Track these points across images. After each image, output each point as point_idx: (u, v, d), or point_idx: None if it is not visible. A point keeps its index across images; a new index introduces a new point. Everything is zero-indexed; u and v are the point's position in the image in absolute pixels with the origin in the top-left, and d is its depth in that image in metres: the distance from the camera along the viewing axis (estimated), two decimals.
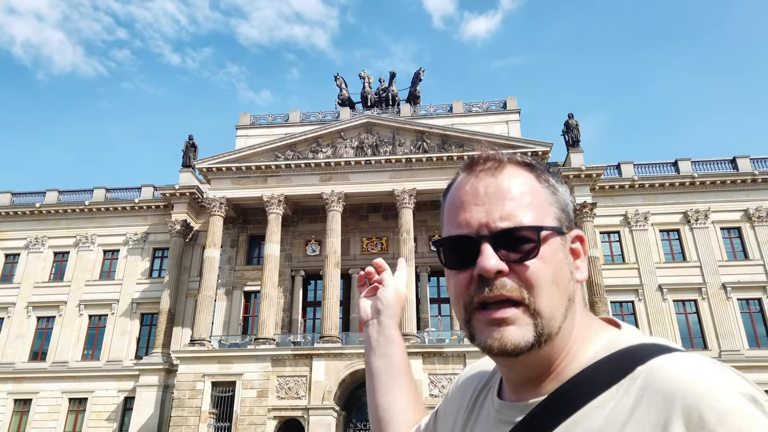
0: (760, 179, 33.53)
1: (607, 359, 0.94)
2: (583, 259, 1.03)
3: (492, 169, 1.01)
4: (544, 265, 0.95)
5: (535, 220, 0.97)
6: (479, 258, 0.95)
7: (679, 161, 34.69)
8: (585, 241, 1.04)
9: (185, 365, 28.91)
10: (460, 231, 0.99)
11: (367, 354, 1.39)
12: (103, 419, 32.45)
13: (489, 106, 35.24)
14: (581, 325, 1.01)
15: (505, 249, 0.95)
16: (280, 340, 30.15)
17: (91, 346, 34.75)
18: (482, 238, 0.96)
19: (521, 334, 0.93)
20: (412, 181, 31.38)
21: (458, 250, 0.99)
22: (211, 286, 30.92)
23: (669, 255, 33.31)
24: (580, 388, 0.93)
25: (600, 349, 0.98)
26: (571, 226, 1.03)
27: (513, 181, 1.00)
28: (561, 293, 0.96)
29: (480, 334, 0.96)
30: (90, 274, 36.31)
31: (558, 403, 0.94)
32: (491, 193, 0.98)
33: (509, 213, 0.96)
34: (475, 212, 0.98)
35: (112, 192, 38.43)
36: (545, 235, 0.96)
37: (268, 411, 27.69)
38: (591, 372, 0.94)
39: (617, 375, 0.90)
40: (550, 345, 0.96)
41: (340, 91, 38.49)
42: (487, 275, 0.94)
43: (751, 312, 31.54)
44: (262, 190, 32.23)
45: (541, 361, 0.98)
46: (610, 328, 1.04)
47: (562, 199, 1.03)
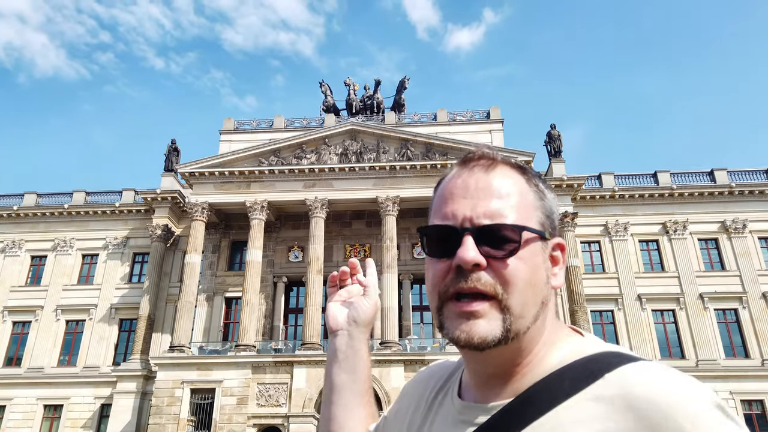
0: (737, 191, 34.19)
1: (574, 365, 0.96)
2: (561, 266, 1.05)
3: (485, 166, 1.04)
4: (522, 265, 0.96)
5: (518, 220, 0.98)
6: (459, 249, 0.96)
7: (658, 173, 35.25)
8: (565, 250, 1.05)
9: (164, 372, 28.54)
10: (445, 221, 1.01)
11: (329, 365, 1.30)
12: (78, 426, 31.86)
13: (473, 115, 35.52)
14: (550, 330, 1.03)
15: (486, 245, 0.96)
16: (261, 347, 29.92)
17: (67, 351, 34.15)
18: (465, 230, 0.97)
19: (489, 329, 0.95)
20: (396, 189, 31.46)
21: (441, 239, 1.00)
22: (191, 291, 30.61)
23: (648, 265, 33.77)
24: (546, 393, 0.94)
25: (566, 355, 0.99)
26: (554, 233, 1.04)
27: (503, 180, 1.02)
28: (534, 295, 0.98)
29: (449, 324, 0.98)
30: (68, 278, 35.74)
31: (523, 407, 0.95)
32: (480, 188, 1.00)
33: (495, 211, 0.98)
34: (462, 205, 1.00)
35: (92, 195, 37.92)
36: (527, 237, 0.98)
37: (247, 419, 27.43)
38: (557, 377, 0.95)
39: (584, 381, 0.91)
40: (517, 343, 0.97)
41: (325, 97, 38.52)
42: (465, 266, 0.95)
43: (727, 322, 32.07)
44: (245, 195, 32.06)
45: (507, 359, 0.99)
46: (575, 335, 1.06)
47: (548, 206, 1.05)
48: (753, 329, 31.38)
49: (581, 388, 0.91)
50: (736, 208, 34.14)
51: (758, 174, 35.11)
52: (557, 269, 1.04)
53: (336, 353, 1.30)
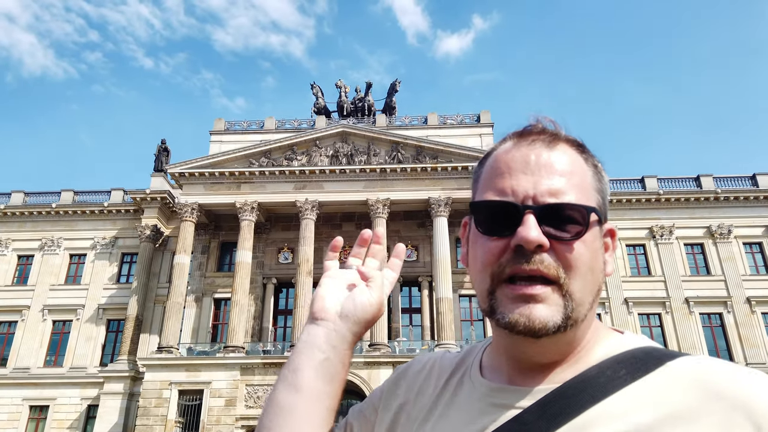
0: (722, 197, 34.65)
1: (627, 354, 0.92)
2: (611, 253, 1.00)
3: (546, 141, 0.96)
4: (585, 250, 0.91)
5: (581, 201, 0.92)
6: (521, 228, 0.89)
7: (645, 178, 35.63)
8: (615, 237, 1.00)
9: (152, 373, 28.41)
10: (502, 197, 0.93)
11: (297, 358, 0.99)
12: (65, 427, 31.59)
13: (463, 119, 35.73)
14: (595, 322, 0.99)
15: (549, 225, 0.89)
16: (250, 348, 29.88)
17: (54, 352, 33.87)
18: (527, 207, 0.90)
19: (550, 314, 0.88)
20: (386, 191, 31.57)
21: (497, 216, 0.92)
22: (180, 292, 30.51)
23: (635, 269, 34.12)
24: (603, 378, 0.89)
25: (613, 347, 0.96)
26: (606, 218, 0.98)
27: (565, 157, 0.95)
28: (594, 282, 0.93)
29: (504, 308, 0.90)
30: (55, 278, 35.45)
31: (579, 391, 0.89)
32: (543, 164, 0.93)
33: (558, 189, 0.91)
34: (523, 181, 0.92)
35: (80, 195, 37.65)
36: (592, 220, 0.92)
37: (236, 420, 27.37)
38: (612, 364, 0.91)
39: (642, 369, 0.88)
40: (573, 331, 0.92)
41: (316, 99, 38.58)
42: (528, 246, 0.88)
43: (712, 326, 32.48)
44: (235, 196, 32.02)
45: (560, 347, 0.94)
46: (616, 331, 1.02)
47: (605, 189, 0.99)
48: (737, 333, 31.79)
49: (640, 376, 0.87)
50: (721, 213, 34.59)
51: (743, 180, 35.60)
52: (608, 256, 0.99)
53: (312, 349, 0.99)
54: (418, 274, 32.81)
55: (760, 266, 33.78)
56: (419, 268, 32.98)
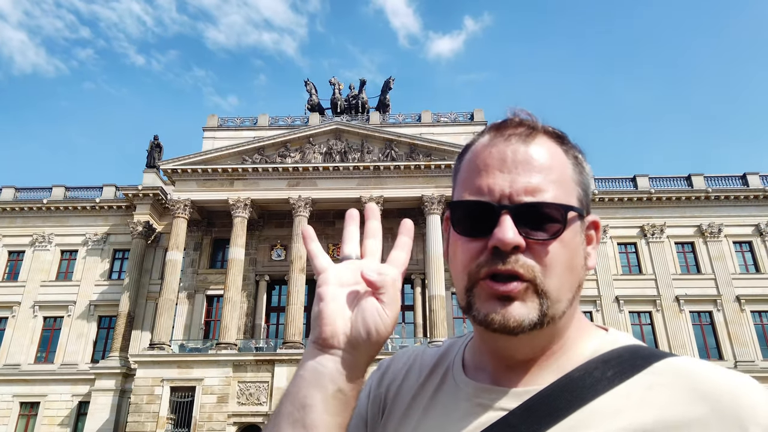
0: (713, 196, 34.93)
1: (613, 353, 0.91)
2: (594, 246, 0.97)
3: (524, 135, 0.93)
4: (563, 248, 0.88)
5: (560, 198, 0.89)
6: (497, 229, 0.86)
7: (637, 177, 35.85)
8: (599, 228, 0.98)
9: (143, 369, 28.34)
10: (479, 197, 0.90)
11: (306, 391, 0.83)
12: (55, 424, 31.47)
13: (456, 117, 35.79)
14: (578, 318, 0.97)
15: (526, 225, 0.87)
16: (243, 345, 29.86)
17: (45, 348, 33.70)
18: (503, 208, 0.87)
19: (526, 312, 0.86)
20: (380, 189, 31.60)
21: (473, 216, 0.90)
22: (172, 289, 30.42)
23: (626, 267, 34.35)
24: (591, 379, 0.87)
25: (599, 345, 0.94)
26: (588, 210, 0.96)
27: (543, 152, 0.91)
28: (572, 279, 0.90)
29: (481, 305, 0.88)
30: (46, 274, 35.25)
31: (566, 392, 0.87)
32: (519, 161, 0.90)
33: (535, 187, 0.88)
34: (499, 179, 0.89)
35: (71, 191, 37.43)
36: (569, 217, 0.89)
37: (227, 417, 27.36)
38: (599, 364, 0.89)
39: (629, 369, 0.87)
40: (552, 328, 0.90)
41: (309, 96, 38.50)
42: (504, 248, 0.86)
43: (702, 324, 32.77)
44: (228, 193, 31.95)
45: (539, 344, 0.92)
46: (598, 328, 1.00)
47: (586, 180, 0.96)
48: (727, 331, 32.09)
49: (629, 377, 0.86)
50: (712, 212, 34.87)
51: (734, 180, 35.89)
52: (591, 249, 0.96)
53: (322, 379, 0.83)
54: (411, 271, 32.88)
55: (749, 265, 34.10)
56: (412, 265, 33.03)
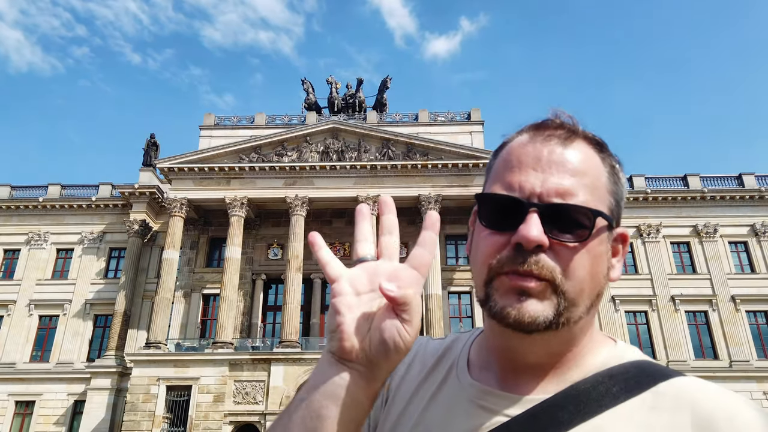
0: (709, 197, 35.04)
1: (620, 368, 0.90)
2: (620, 258, 0.96)
3: (563, 137, 0.92)
4: (587, 254, 0.87)
5: (591, 203, 0.88)
6: (522, 225, 0.86)
7: (633, 177, 35.95)
8: (627, 242, 0.97)
9: (139, 368, 28.28)
10: (509, 192, 0.89)
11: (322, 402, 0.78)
12: (51, 423, 31.39)
13: (454, 116, 35.80)
14: (593, 329, 0.95)
15: (553, 225, 0.86)
16: (239, 344, 29.82)
17: (40, 347, 33.60)
18: (531, 205, 0.86)
19: (541, 309, 0.85)
20: (377, 188, 31.59)
21: (501, 210, 0.89)
22: (168, 288, 30.36)
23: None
24: (596, 394, 0.86)
25: (607, 359, 0.93)
26: (619, 222, 0.94)
27: (579, 156, 0.91)
28: (592, 286, 0.89)
29: (499, 298, 0.87)
30: (42, 273, 35.14)
31: (570, 404, 0.86)
32: (554, 161, 0.89)
33: (567, 189, 0.87)
34: (532, 177, 0.89)
35: (67, 189, 37.32)
36: (598, 224, 0.88)
37: (224, 416, 27.33)
38: (606, 378, 0.88)
39: (635, 387, 0.86)
40: (567, 333, 0.89)
41: (306, 95, 38.47)
42: (527, 246, 0.85)
43: (697, 324, 32.87)
44: (224, 192, 31.90)
45: (552, 348, 0.91)
46: (609, 339, 0.99)
47: (620, 191, 0.95)
48: (722, 331, 32.20)
49: (634, 395, 0.85)
50: (707, 212, 34.98)
51: (729, 180, 36.03)
52: (616, 261, 0.96)
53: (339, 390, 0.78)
54: None
55: (745, 265, 34.23)
56: None
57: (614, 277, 0.95)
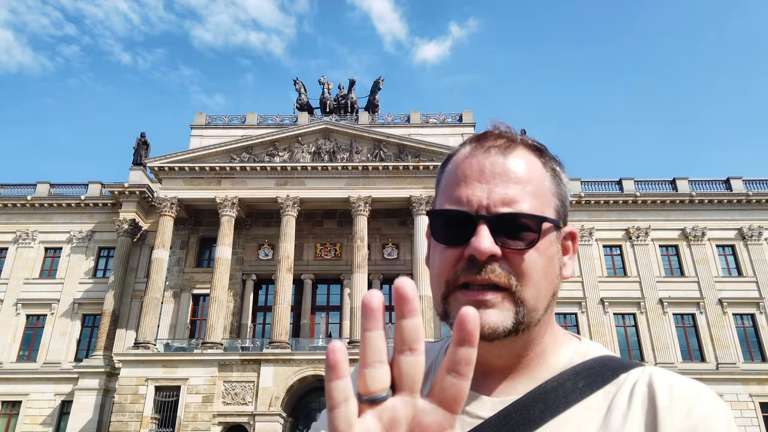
0: (697, 200, 35.35)
1: (585, 365, 0.94)
2: (571, 256, 1.00)
3: (503, 148, 0.95)
4: (538, 257, 0.91)
5: (536, 209, 0.92)
6: (474, 238, 0.88)
7: (623, 180, 36.20)
8: (576, 239, 1.01)
9: (128, 369, 28.10)
10: (458, 206, 0.92)
11: None
12: (38, 423, 31.09)
13: (445, 118, 35.88)
14: (553, 327, 1.00)
15: (502, 234, 0.90)
16: (228, 344, 29.71)
17: (27, 346, 33.27)
18: (480, 218, 0.89)
19: (501, 319, 0.88)
20: (368, 189, 31.60)
21: (452, 225, 0.92)
22: (158, 287, 30.19)
23: (611, 270, 34.66)
24: (563, 390, 0.90)
25: (572, 356, 0.97)
26: (565, 221, 0.99)
27: (521, 164, 0.94)
28: (548, 287, 0.93)
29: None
30: (29, 272, 34.81)
31: (536, 404, 0.90)
32: (497, 173, 0.93)
33: (512, 198, 0.91)
34: (477, 190, 0.92)
35: (56, 188, 37.00)
36: (545, 228, 0.92)
37: (213, 417, 27.21)
38: (572, 376, 0.93)
39: (599, 381, 0.91)
40: (527, 336, 0.93)
41: (298, 95, 38.39)
42: (480, 257, 0.88)
43: (685, 326, 33.16)
44: (215, 191, 31.77)
45: (515, 351, 0.95)
46: (573, 337, 1.03)
47: (564, 192, 0.99)
48: (709, 334, 32.50)
49: (598, 388, 0.90)
50: (695, 216, 35.29)
51: (717, 184, 36.38)
52: (567, 259, 1.00)
53: None
54: (399, 272, 32.90)
55: (732, 268, 34.55)
56: (400, 266, 33.10)
57: (567, 275, 0.98)
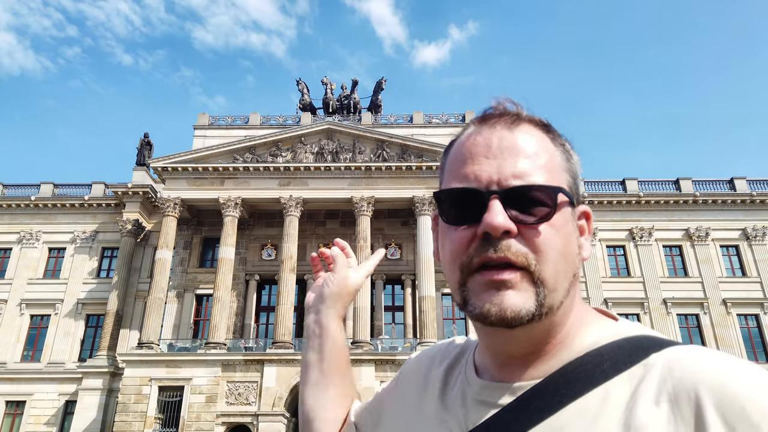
0: (701, 200, 35.27)
1: (613, 345, 0.87)
2: (587, 237, 0.95)
3: (508, 123, 0.92)
4: (555, 233, 0.86)
5: (549, 182, 0.88)
6: (486, 214, 0.85)
7: (626, 180, 36.14)
8: (591, 219, 0.96)
9: (131, 369, 28.15)
10: (466, 184, 0.89)
11: (304, 346, 1.26)
12: (42, 423, 31.17)
13: (448, 118, 35.86)
14: (579, 308, 0.94)
15: (516, 209, 0.85)
16: (232, 345, 29.74)
17: (31, 347, 33.36)
18: (492, 193, 0.86)
19: (522, 301, 0.84)
20: (371, 189, 31.59)
21: (462, 204, 0.88)
22: (161, 288, 30.23)
23: (614, 270, 34.61)
24: (584, 373, 0.85)
25: (600, 336, 0.90)
26: (579, 200, 0.94)
27: (529, 138, 0.90)
28: (567, 267, 0.88)
29: (476, 298, 0.86)
30: (33, 272, 34.90)
31: (557, 387, 0.85)
32: (505, 147, 0.89)
33: (523, 171, 0.87)
34: (486, 166, 0.88)
35: (60, 188, 37.09)
36: (560, 201, 0.87)
37: (216, 417, 27.24)
38: (595, 357, 0.86)
39: (626, 362, 0.83)
40: (550, 320, 0.87)
41: (301, 95, 38.41)
42: (494, 233, 0.84)
43: (688, 327, 33.08)
44: (218, 192, 31.80)
45: (537, 337, 0.89)
46: (605, 317, 0.97)
47: (575, 169, 0.94)
48: (713, 334, 32.43)
49: (624, 369, 0.82)
50: (699, 216, 35.21)
51: (721, 184, 36.29)
52: (584, 240, 0.94)
53: (305, 331, 1.26)
54: (402, 272, 32.92)
55: (736, 268, 34.47)
56: (402, 266, 33.10)
57: (585, 256, 0.93)
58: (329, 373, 1.19)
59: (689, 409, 0.74)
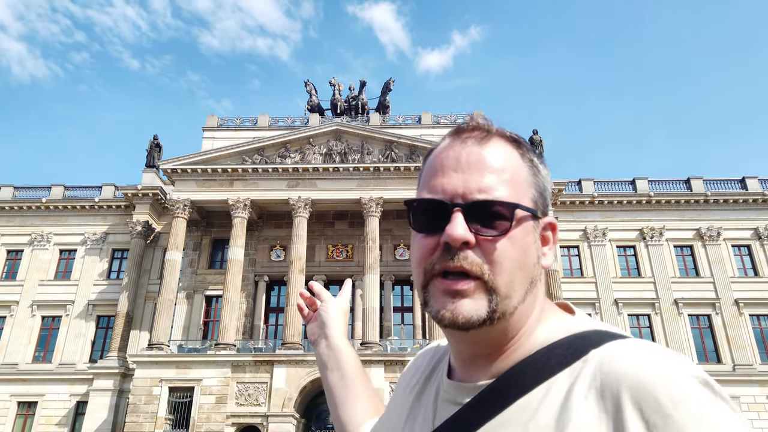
0: (712, 200, 34.96)
1: (561, 342, 0.92)
2: (551, 246, 1.00)
3: (478, 138, 0.98)
4: (512, 246, 0.92)
5: (511, 197, 0.93)
6: (448, 226, 0.91)
7: (636, 180, 35.89)
8: (556, 230, 1.01)
9: (142, 369, 28.28)
10: (433, 195, 0.96)
11: (321, 372, 1.41)
12: (53, 424, 31.39)
13: (456, 119, 35.76)
14: (539, 309, 0.99)
15: (477, 222, 0.92)
16: (241, 345, 29.81)
17: (43, 348, 33.62)
18: (455, 205, 0.92)
19: (474, 309, 0.90)
20: (379, 190, 31.57)
21: (429, 214, 0.95)
22: (171, 289, 30.36)
23: (625, 270, 34.37)
24: (532, 371, 0.90)
25: (553, 333, 0.95)
26: (545, 212, 0.99)
27: (497, 153, 0.96)
28: (523, 276, 0.93)
29: (434, 302, 0.94)
30: (44, 273, 35.18)
31: (507, 386, 0.91)
32: (473, 162, 0.95)
33: (487, 186, 0.93)
34: (453, 179, 0.94)
35: (70, 190, 37.37)
36: (519, 216, 0.93)
37: (226, 417, 27.31)
38: (544, 354, 0.91)
39: (570, 358, 0.88)
40: (504, 323, 0.93)
41: (309, 97, 38.47)
42: (454, 244, 0.91)
43: (700, 328, 32.79)
44: (227, 193, 31.90)
45: (493, 339, 0.95)
46: (564, 313, 1.02)
47: (542, 183, 0.99)
48: (725, 335, 32.12)
49: (567, 365, 0.87)
50: (710, 216, 34.91)
51: (732, 183, 35.96)
52: (547, 249, 1.00)
53: (321, 358, 1.42)
54: (410, 273, 32.64)
55: (748, 268, 34.15)
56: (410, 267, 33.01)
57: (545, 265, 0.98)
58: (354, 386, 1.35)
59: (611, 404, 0.78)
